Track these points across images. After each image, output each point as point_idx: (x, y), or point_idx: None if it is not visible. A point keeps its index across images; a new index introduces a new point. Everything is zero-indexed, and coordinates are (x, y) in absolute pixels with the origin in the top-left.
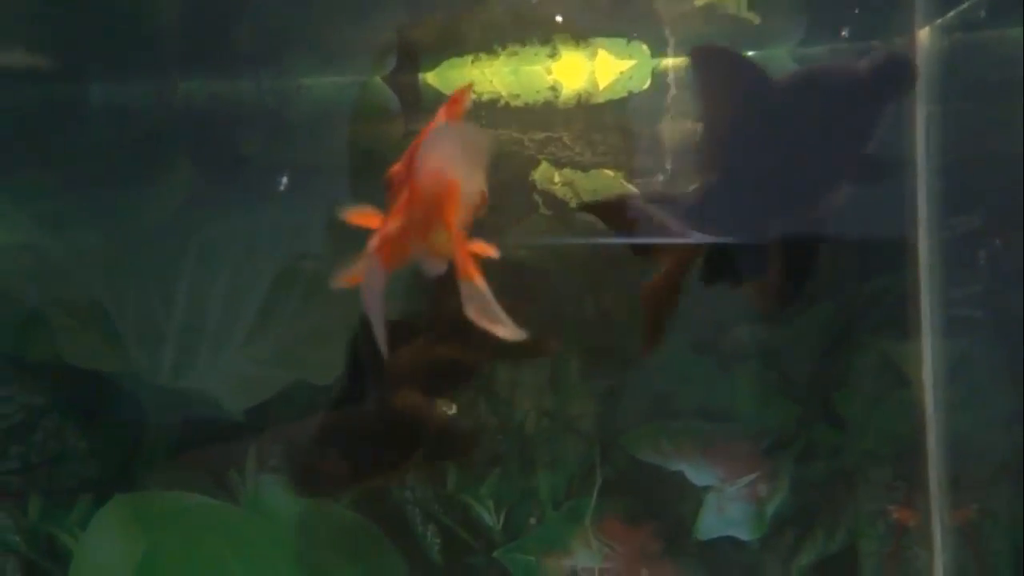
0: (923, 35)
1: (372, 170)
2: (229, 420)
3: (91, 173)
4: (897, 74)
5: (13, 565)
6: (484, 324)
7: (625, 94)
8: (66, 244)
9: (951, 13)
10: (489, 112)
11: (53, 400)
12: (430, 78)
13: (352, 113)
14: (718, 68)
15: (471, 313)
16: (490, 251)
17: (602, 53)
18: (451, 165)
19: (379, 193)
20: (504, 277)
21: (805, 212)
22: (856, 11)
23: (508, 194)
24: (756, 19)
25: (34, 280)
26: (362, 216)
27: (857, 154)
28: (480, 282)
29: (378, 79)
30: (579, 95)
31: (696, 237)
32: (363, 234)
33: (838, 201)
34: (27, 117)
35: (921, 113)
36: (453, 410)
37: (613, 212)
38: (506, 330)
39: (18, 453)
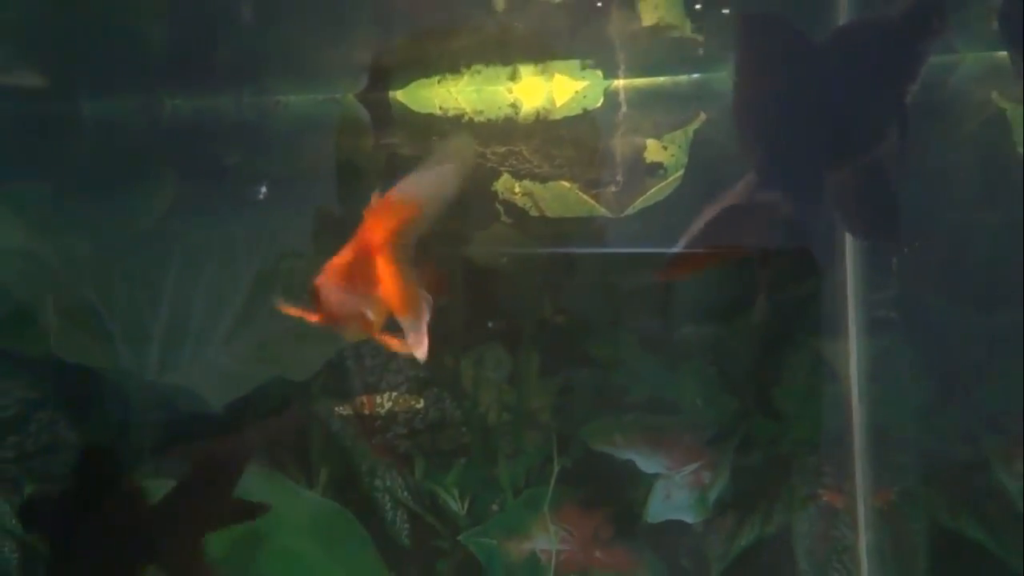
0: None
1: (345, 179)
2: (210, 414)
3: (82, 183)
4: (932, 9)
5: (11, 547)
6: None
7: (580, 111)
8: (59, 249)
9: None
10: (454, 126)
11: (47, 395)
12: (399, 96)
13: (327, 128)
14: (767, 35)
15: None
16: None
17: (558, 75)
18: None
19: (351, 199)
20: (470, 280)
21: (862, 162)
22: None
23: (472, 204)
24: (700, 41)
25: (29, 282)
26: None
27: (903, 103)
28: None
29: (351, 96)
30: (537, 112)
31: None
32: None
33: (890, 150)
34: (23, 131)
35: None
36: (420, 404)
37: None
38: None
39: (14, 443)
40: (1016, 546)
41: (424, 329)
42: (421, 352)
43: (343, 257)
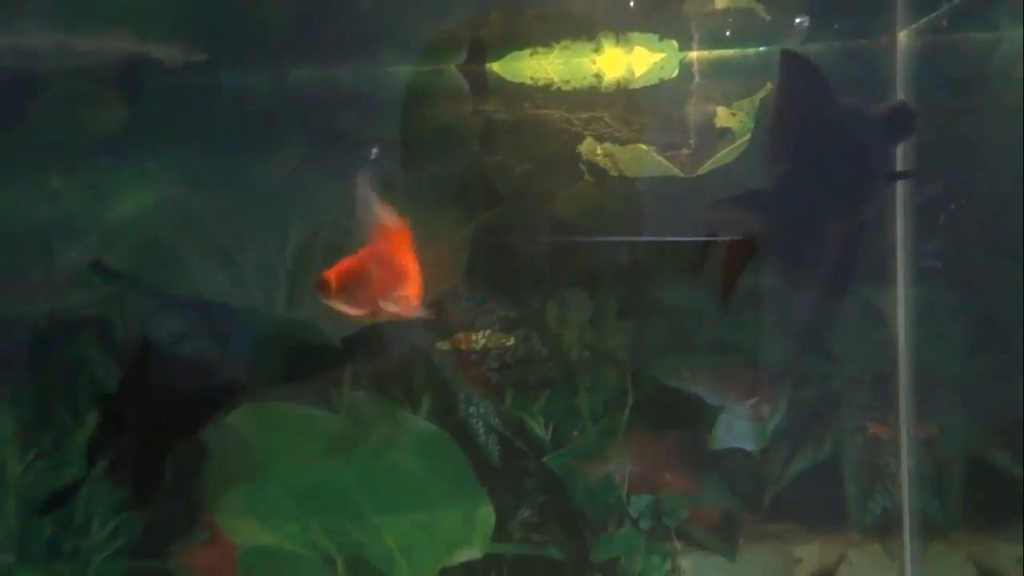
0: (903, 36)
1: (446, 142)
2: (329, 346)
3: (221, 144)
4: (904, 117)
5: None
6: None
7: (657, 81)
8: (202, 201)
9: (923, 19)
10: (544, 94)
11: (192, 328)
12: (495, 67)
13: (431, 96)
14: (800, 72)
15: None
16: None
17: (638, 47)
18: None
19: (444, 158)
20: (557, 232)
21: (852, 214)
22: (848, 14)
23: (558, 164)
24: (767, 16)
25: (177, 229)
26: None
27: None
28: None
29: (453, 67)
30: (618, 81)
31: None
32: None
33: (873, 212)
34: (174, 100)
35: None
36: (510, 341)
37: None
38: None
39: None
40: None
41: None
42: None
43: (350, 259)
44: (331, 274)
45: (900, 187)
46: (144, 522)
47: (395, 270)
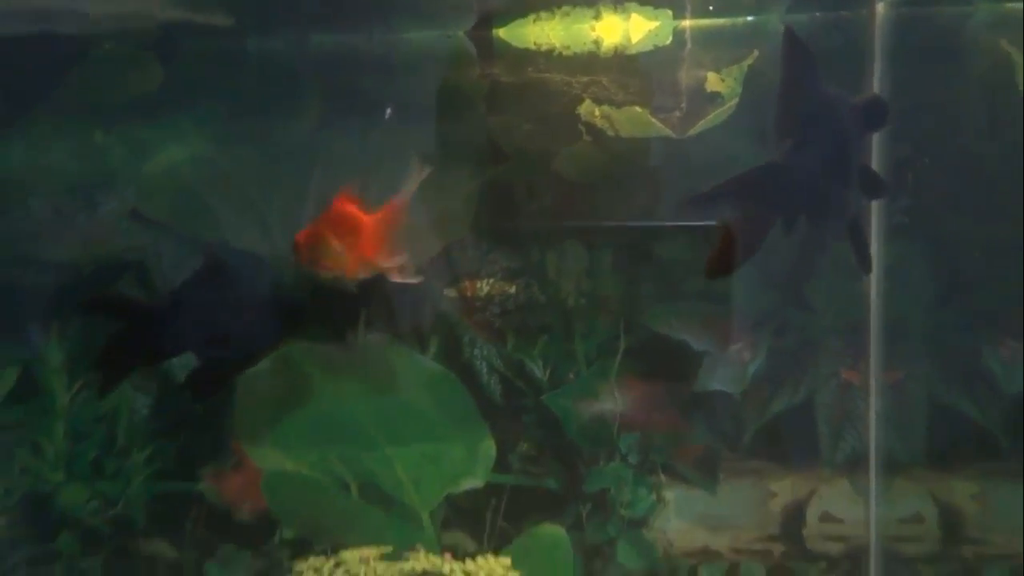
0: (880, 7)
1: (455, 103)
2: (346, 291)
3: (248, 105)
4: (878, 110)
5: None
6: None
7: (652, 47)
8: (231, 156)
9: None
10: (546, 59)
11: (223, 272)
12: (501, 33)
13: (441, 60)
14: (800, 52)
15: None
16: None
17: (635, 15)
18: None
19: (455, 119)
20: (559, 192)
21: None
22: None
23: (559, 125)
24: None
25: (208, 182)
26: None
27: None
28: None
29: (461, 33)
30: (616, 47)
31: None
32: None
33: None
34: (205, 62)
35: (877, 69)
36: (512, 289)
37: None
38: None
39: None
40: (997, 418)
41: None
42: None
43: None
44: (300, 236)
45: (874, 147)
46: (178, 448)
47: (360, 233)
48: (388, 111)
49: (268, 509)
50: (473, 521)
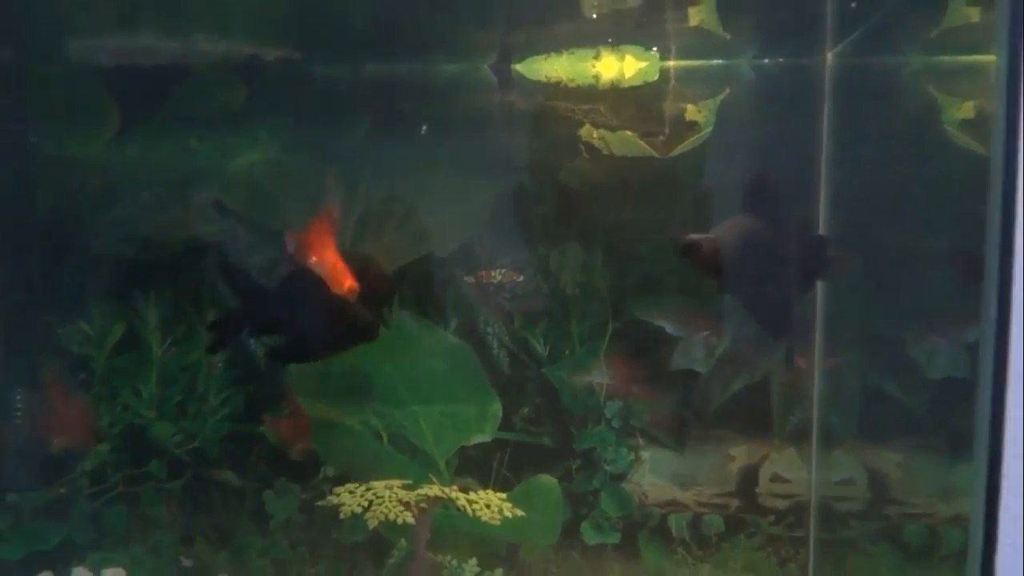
0: (830, 56)
1: (478, 123)
2: (384, 274)
3: (310, 119)
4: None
5: (259, 348)
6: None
7: (642, 83)
8: (295, 160)
9: (841, 43)
10: (555, 89)
11: (284, 254)
12: (518, 67)
13: (468, 88)
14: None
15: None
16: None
17: (628, 56)
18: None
19: (477, 136)
20: (559, 197)
21: None
22: (791, 36)
23: (563, 143)
24: (727, 36)
25: (277, 181)
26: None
27: None
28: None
29: (485, 66)
30: (612, 82)
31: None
32: None
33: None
34: (276, 84)
35: (827, 108)
36: (520, 278)
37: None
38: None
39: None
40: (920, 400)
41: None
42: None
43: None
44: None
45: (823, 169)
46: (246, 396)
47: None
48: (424, 128)
49: (315, 450)
50: (481, 469)
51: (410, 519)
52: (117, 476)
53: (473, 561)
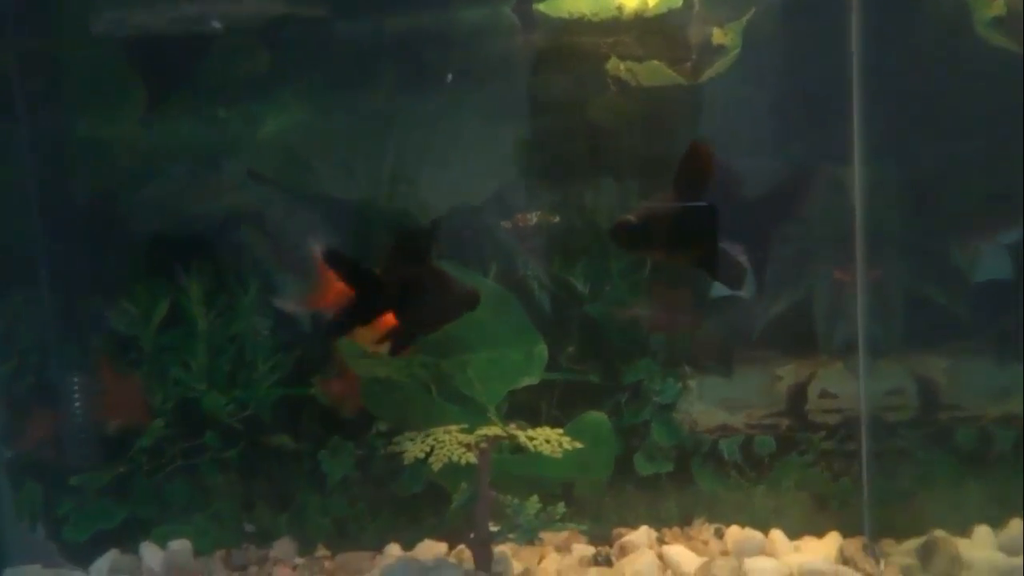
0: None
1: (503, 67)
2: (421, 227)
3: (337, 78)
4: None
5: (304, 312)
6: None
7: (666, 10)
8: (324, 122)
9: None
10: (578, 25)
11: (323, 216)
12: (540, 7)
13: (490, 31)
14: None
15: None
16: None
17: None
18: None
19: (503, 81)
20: (593, 136)
21: None
22: None
23: (590, 79)
24: None
25: (308, 144)
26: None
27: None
28: None
29: (507, 8)
30: (635, 12)
31: None
32: None
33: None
34: (301, 46)
35: (855, 19)
36: (557, 219)
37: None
38: None
39: (303, 246)
40: (963, 305)
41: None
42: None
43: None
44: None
45: (855, 83)
46: (294, 360)
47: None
48: (449, 77)
49: (365, 408)
50: (531, 412)
51: (472, 460)
52: (174, 450)
53: (534, 498)
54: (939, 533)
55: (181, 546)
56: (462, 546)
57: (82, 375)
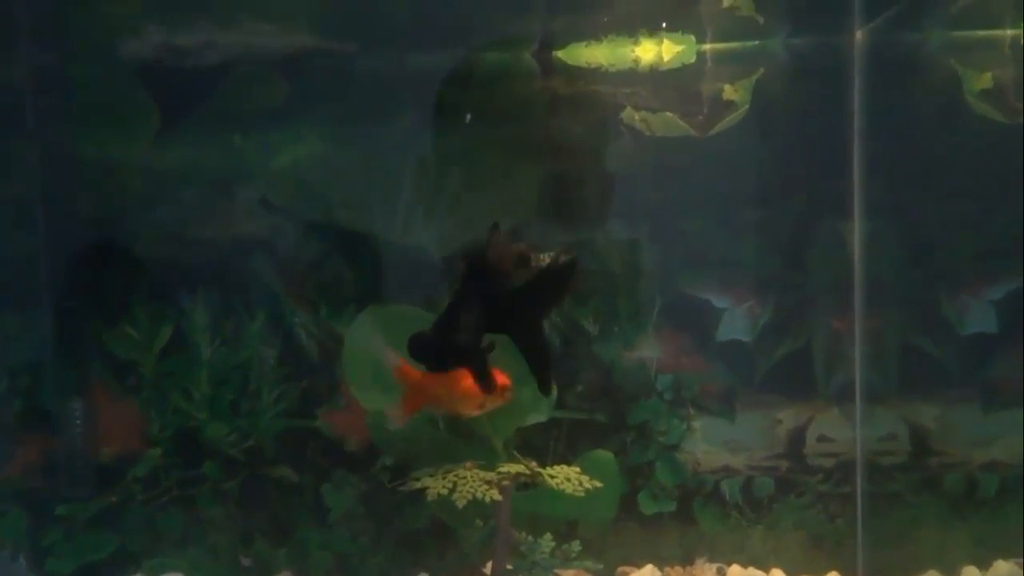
0: (859, 35)
1: (521, 110)
2: (432, 263)
3: (355, 112)
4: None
5: (312, 344)
6: None
7: (680, 65)
8: (340, 155)
9: (870, 24)
10: (595, 75)
11: (334, 247)
12: (560, 54)
13: (510, 75)
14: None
15: None
16: None
17: (666, 40)
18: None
19: (521, 123)
20: (605, 181)
21: None
22: (821, 15)
23: (605, 127)
24: (760, 18)
25: (323, 176)
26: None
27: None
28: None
29: (527, 54)
30: (651, 66)
31: None
32: None
33: None
34: (320, 78)
35: (857, 82)
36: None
37: None
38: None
39: (313, 278)
40: (953, 355)
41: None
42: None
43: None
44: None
45: (856, 142)
46: (299, 391)
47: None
48: (467, 117)
49: (371, 441)
50: (538, 448)
51: (497, 496)
52: (170, 480)
53: (547, 536)
54: (933, 574)
55: None
56: None
57: (76, 399)
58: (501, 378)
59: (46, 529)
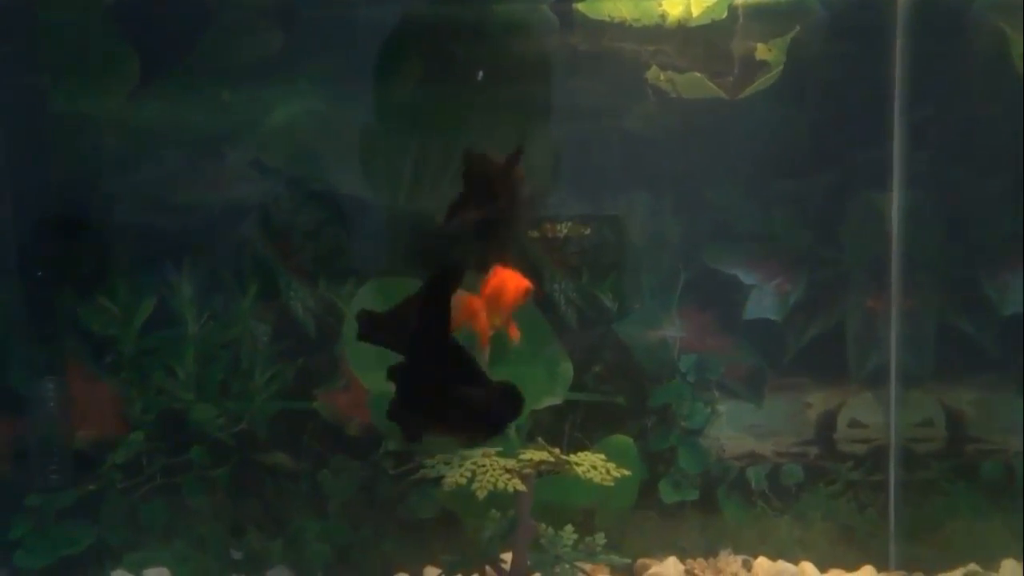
0: None
1: (538, 68)
2: (437, 230)
3: (357, 66)
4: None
5: (309, 319)
6: None
7: (709, 21)
8: (341, 113)
9: None
10: (619, 30)
11: (332, 215)
12: (580, 7)
13: (528, 29)
14: None
15: None
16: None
17: None
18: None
19: (538, 82)
20: (628, 146)
21: None
22: None
23: (629, 87)
24: None
25: (321, 136)
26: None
27: None
28: None
29: (545, 7)
30: (679, 21)
31: None
32: None
33: None
34: (318, 29)
35: (899, 44)
36: (587, 231)
37: None
38: None
39: (310, 247)
40: (992, 335)
41: None
42: None
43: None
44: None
45: (896, 109)
46: (295, 370)
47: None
48: (479, 74)
49: (373, 425)
50: (553, 433)
51: (520, 486)
52: (154, 467)
53: (569, 528)
54: (973, 567)
55: (158, 575)
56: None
57: (49, 379)
58: (522, 281)
59: (14, 521)
